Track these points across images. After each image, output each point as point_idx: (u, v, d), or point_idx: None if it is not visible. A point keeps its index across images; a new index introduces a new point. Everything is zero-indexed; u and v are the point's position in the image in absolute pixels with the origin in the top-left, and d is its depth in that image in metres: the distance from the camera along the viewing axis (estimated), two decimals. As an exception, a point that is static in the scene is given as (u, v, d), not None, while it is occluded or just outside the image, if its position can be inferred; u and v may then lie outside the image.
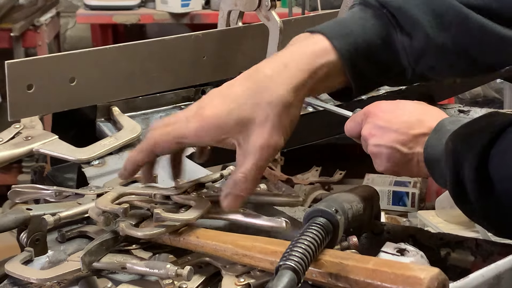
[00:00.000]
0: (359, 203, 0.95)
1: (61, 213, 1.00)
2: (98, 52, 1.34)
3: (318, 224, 0.85)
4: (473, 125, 0.96)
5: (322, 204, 0.88)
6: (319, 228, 0.84)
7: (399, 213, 3.01)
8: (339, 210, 0.88)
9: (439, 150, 0.99)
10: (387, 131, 1.08)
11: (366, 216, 0.98)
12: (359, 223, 0.96)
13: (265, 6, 1.41)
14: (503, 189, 0.89)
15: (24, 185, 1.12)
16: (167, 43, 1.42)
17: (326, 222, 0.86)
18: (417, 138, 1.04)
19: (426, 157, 1.02)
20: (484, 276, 0.85)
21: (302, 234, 0.82)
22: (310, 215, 0.87)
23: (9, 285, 0.92)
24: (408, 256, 0.88)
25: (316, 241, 0.82)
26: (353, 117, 1.18)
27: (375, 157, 1.12)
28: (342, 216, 0.88)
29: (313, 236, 0.82)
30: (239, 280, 0.86)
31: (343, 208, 0.90)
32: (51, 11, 3.77)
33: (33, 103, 1.26)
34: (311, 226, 0.84)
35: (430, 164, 1.02)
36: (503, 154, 0.89)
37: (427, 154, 1.02)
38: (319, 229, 0.84)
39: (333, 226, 0.86)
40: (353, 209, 0.93)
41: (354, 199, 0.95)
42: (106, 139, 1.27)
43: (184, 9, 3.49)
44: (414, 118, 1.06)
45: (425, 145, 1.02)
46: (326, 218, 0.86)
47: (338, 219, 0.87)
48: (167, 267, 0.86)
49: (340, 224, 0.87)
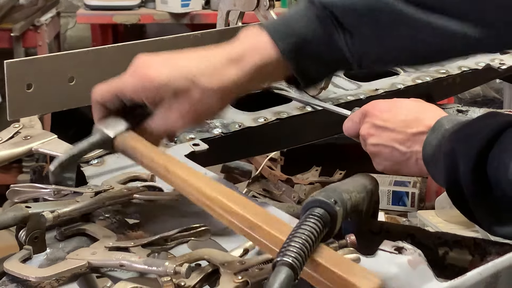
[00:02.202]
0: (358, 193, 0.95)
1: (59, 210, 1.00)
2: (97, 52, 1.34)
3: (316, 216, 0.84)
4: (471, 126, 0.97)
5: (321, 194, 0.88)
6: (317, 220, 0.83)
7: (398, 213, 3.01)
8: (338, 201, 0.87)
9: (437, 150, 0.99)
10: (385, 130, 1.09)
11: (365, 206, 0.98)
12: (358, 214, 0.96)
13: (263, 6, 1.41)
14: (500, 192, 0.89)
15: (22, 184, 1.12)
16: (167, 43, 1.42)
17: (324, 213, 0.85)
18: (415, 136, 1.05)
19: (424, 156, 1.03)
20: (481, 274, 0.85)
21: (300, 227, 0.82)
22: (308, 205, 0.87)
23: (7, 282, 0.92)
24: (406, 254, 0.88)
25: (314, 235, 0.81)
26: (351, 117, 1.18)
27: (374, 156, 1.13)
28: (340, 208, 0.87)
29: (311, 229, 0.81)
30: (237, 278, 0.86)
31: (342, 199, 0.89)
32: (51, 11, 3.78)
33: (32, 102, 1.26)
34: (309, 218, 0.83)
35: (428, 163, 1.02)
36: (500, 156, 0.89)
37: (425, 153, 1.02)
38: (317, 221, 0.83)
39: (331, 217, 0.86)
40: (352, 199, 0.92)
41: (353, 189, 0.95)
42: (105, 138, 1.27)
43: (184, 9, 3.49)
44: (412, 117, 1.07)
45: (424, 144, 1.03)
46: (324, 209, 0.86)
47: (336, 211, 0.86)
48: (165, 265, 0.86)
49: (339, 215, 0.87)
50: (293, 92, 1.56)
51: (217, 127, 1.39)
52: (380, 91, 1.61)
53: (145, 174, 1.18)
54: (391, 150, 1.08)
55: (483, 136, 0.92)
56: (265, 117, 1.45)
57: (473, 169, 0.91)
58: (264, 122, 1.44)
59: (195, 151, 1.26)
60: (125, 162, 1.23)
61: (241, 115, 1.45)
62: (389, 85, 1.63)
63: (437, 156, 0.99)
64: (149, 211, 1.10)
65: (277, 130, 1.48)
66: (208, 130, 1.38)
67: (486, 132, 0.92)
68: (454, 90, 1.89)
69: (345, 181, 0.98)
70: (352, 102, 1.56)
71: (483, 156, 0.90)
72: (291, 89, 1.58)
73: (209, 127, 1.39)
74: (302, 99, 1.52)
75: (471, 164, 0.91)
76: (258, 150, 1.81)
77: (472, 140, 0.93)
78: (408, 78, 1.68)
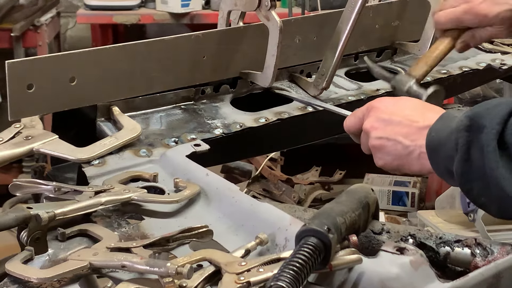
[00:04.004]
0: (354, 212, 0.95)
1: (56, 210, 1.00)
2: (98, 52, 1.34)
3: (310, 245, 0.84)
4: (490, 103, 0.98)
5: (314, 223, 0.87)
6: (311, 249, 0.84)
7: (398, 213, 3.01)
8: (331, 228, 0.87)
9: (446, 133, 0.99)
10: (389, 123, 1.09)
11: (361, 221, 0.98)
12: (355, 231, 0.96)
13: (265, 6, 1.41)
14: None
15: (24, 179, 1.13)
16: (167, 43, 1.42)
17: (318, 242, 0.85)
18: (421, 130, 1.05)
19: (429, 142, 1.02)
20: (483, 275, 0.85)
21: (294, 256, 0.82)
22: (302, 234, 0.87)
23: (9, 283, 0.92)
24: (408, 255, 0.88)
25: (308, 263, 0.82)
26: (354, 113, 1.18)
27: (377, 150, 1.12)
28: (334, 234, 0.87)
29: (305, 258, 0.82)
30: (239, 279, 0.86)
31: (336, 224, 0.89)
32: (51, 11, 3.78)
33: (34, 103, 1.26)
34: (303, 247, 0.84)
35: (433, 148, 1.02)
36: None
37: (431, 138, 1.02)
38: (310, 251, 0.83)
39: (325, 245, 0.86)
40: (346, 222, 0.92)
41: (348, 209, 0.94)
42: (106, 139, 1.27)
43: (184, 9, 3.49)
44: (418, 112, 1.07)
45: (429, 131, 1.03)
46: (318, 238, 0.85)
47: (330, 239, 0.86)
48: (167, 266, 0.86)
49: (333, 242, 0.86)
50: (294, 92, 1.56)
51: (218, 128, 1.39)
52: (381, 91, 1.62)
53: (147, 173, 1.18)
54: (394, 143, 1.08)
55: (504, 106, 0.94)
56: (266, 117, 1.45)
57: (498, 133, 0.92)
58: (265, 123, 1.44)
59: (197, 151, 1.26)
60: (126, 163, 1.23)
61: (242, 116, 1.45)
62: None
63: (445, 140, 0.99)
64: (150, 212, 1.10)
65: (278, 131, 1.48)
66: (209, 131, 1.38)
67: (507, 103, 0.94)
68: (455, 90, 1.89)
69: (340, 199, 0.97)
70: (353, 102, 1.56)
71: (505, 124, 0.92)
72: (292, 89, 1.58)
73: (210, 127, 1.39)
74: (303, 99, 1.52)
75: (496, 128, 0.92)
76: (259, 150, 1.81)
77: (494, 110, 0.94)
78: (409, 78, 1.68)
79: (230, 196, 1.09)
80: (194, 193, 1.11)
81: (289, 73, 1.62)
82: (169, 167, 1.21)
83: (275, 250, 0.96)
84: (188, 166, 1.19)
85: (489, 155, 0.92)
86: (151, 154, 1.27)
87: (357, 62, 1.74)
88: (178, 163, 1.21)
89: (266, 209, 1.03)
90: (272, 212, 1.02)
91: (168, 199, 1.10)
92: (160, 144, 1.31)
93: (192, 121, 1.41)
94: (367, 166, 1.19)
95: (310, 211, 1.13)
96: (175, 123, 1.40)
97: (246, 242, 0.95)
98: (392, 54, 1.80)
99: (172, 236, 0.98)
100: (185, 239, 0.99)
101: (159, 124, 1.39)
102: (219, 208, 1.09)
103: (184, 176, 1.16)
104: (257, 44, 1.49)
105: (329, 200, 2.85)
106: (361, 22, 1.51)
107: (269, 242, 0.96)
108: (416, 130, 1.05)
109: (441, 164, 1.00)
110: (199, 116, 1.44)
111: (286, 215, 1.00)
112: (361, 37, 1.67)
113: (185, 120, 1.41)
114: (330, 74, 1.51)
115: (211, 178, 1.15)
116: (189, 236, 1.00)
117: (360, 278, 0.87)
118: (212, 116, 1.44)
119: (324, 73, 1.52)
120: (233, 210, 1.07)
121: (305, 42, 1.61)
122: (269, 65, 1.45)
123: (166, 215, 1.09)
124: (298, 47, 1.60)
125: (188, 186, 1.12)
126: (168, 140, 1.32)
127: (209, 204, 1.11)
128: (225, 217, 1.07)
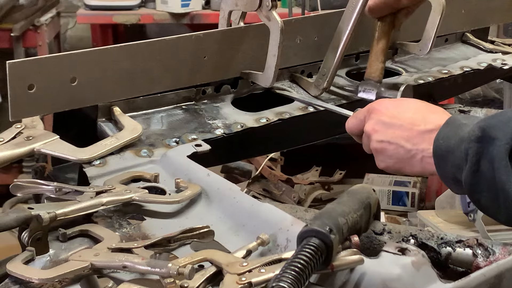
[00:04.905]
0: (355, 213, 0.94)
1: (57, 211, 1.00)
2: (99, 52, 1.34)
3: (312, 246, 0.84)
4: (504, 114, 0.97)
5: (316, 223, 0.87)
6: (313, 250, 0.83)
7: (399, 213, 3.01)
8: (333, 229, 0.87)
9: (455, 141, 0.99)
10: (391, 126, 1.09)
11: (363, 222, 0.98)
12: (357, 231, 0.96)
13: (266, 6, 1.41)
14: None
15: (25, 180, 1.13)
16: (168, 43, 1.42)
17: (320, 243, 0.85)
18: (423, 134, 1.04)
19: (436, 148, 1.02)
20: (485, 275, 0.85)
21: (296, 256, 0.82)
22: (303, 235, 0.87)
23: (10, 284, 0.92)
24: (410, 256, 0.88)
25: (309, 264, 0.81)
26: (355, 114, 1.18)
27: (378, 153, 1.12)
28: (336, 235, 0.87)
29: (306, 258, 0.82)
30: (241, 279, 0.86)
31: (337, 225, 0.89)
32: (51, 11, 3.78)
33: (34, 103, 1.26)
34: (305, 248, 0.84)
35: (440, 155, 1.01)
36: None
37: (438, 145, 1.01)
38: (312, 251, 0.83)
39: (327, 246, 0.85)
40: (348, 223, 0.91)
41: (350, 210, 0.94)
42: (107, 139, 1.27)
43: (184, 9, 3.50)
44: (419, 115, 1.07)
45: (436, 137, 1.02)
46: (320, 239, 0.85)
47: (332, 239, 0.86)
48: (168, 266, 0.86)
49: (335, 243, 0.86)
50: (295, 92, 1.56)
51: (219, 128, 1.39)
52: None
53: (148, 174, 1.18)
54: (396, 147, 1.08)
55: None
56: (267, 117, 1.45)
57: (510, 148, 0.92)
58: (266, 123, 1.44)
59: (198, 151, 1.26)
60: (127, 163, 1.23)
61: (243, 116, 1.45)
62: (391, 85, 1.62)
63: (453, 147, 0.98)
64: (151, 212, 1.10)
65: (279, 131, 1.48)
66: (210, 131, 1.38)
67: None
68: (456, 90, 1.89)
69: (342, 199, 0.97)
70: (354, 102, 1.56)
71: None
72: (293, 89, 1.58)
73: (211, 127, 1.39)
74: (304, 99, 1.52)
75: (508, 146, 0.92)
76: (260, 151, 1.81)
77: (508, 123, 0.94)
78: (410, 78, 1.69)
79: (231, 196, 1.09)
80: (195, 194, 1.11)
81: (290, 73, 1.62)
82: (170, 168, 1.21)
83: (276, 250, 0.96)
84: (189, 167, 1.19)
85: (500, 168, 0.92)
86: (152, 155, 1.27)
87: (358, 62, 1.74)
88: (179, 163, 1.21)
89: (268, 209, 1.03)
90: (273, 213, 1.02)
91: (169, 199, 1.10)
92: (161, 144, 1.31)
93: (193, 121, 1.41)
94: (367, 166, 1.19)
95: (311, 212, 1.13)
96: (176, 123, 1.40)
97: (248, 243, 0.95)
98: (393, 54, 1.80)
99: (173, 236, 0.98)
100: (186, 239, 0.99)
101: (160, 124, 1.39)
102: (220, 208, 1.09)
103: (185, 176, 1.16)
104: (258, 44, 1.49)
105: (329, 200, 2.86)
106: (362, 22, 1.51)
107: (270, 243, 0.96)
108: (417, 133, 1.05)
109: (449, 171, 1.00)
110: (200, 116, 1.43)
111: (287, 216, 1.00)
112: (361, 37, 1.67)
113: (186, 120, 1.41)
114: (331, 74, 1.51)
115: (212, 179, 1.15)
116: (190, 236, 1.00)
117: (362, 278, 0.87)
118: (213, 116, 1.44)
119: (325, 73, 1.52)
120: (234, 211, 1.06)
121: (306, 42, 1.61)
122: (270, 65, 1.45)
123: (167, 216, 1.09)
124: (299, 47, 1.60)
125: (189, 186, 1.12)
126: (169, 140, 1.32)
127: (210, 205, 1.11)
128: (226, 217, 1.07)
